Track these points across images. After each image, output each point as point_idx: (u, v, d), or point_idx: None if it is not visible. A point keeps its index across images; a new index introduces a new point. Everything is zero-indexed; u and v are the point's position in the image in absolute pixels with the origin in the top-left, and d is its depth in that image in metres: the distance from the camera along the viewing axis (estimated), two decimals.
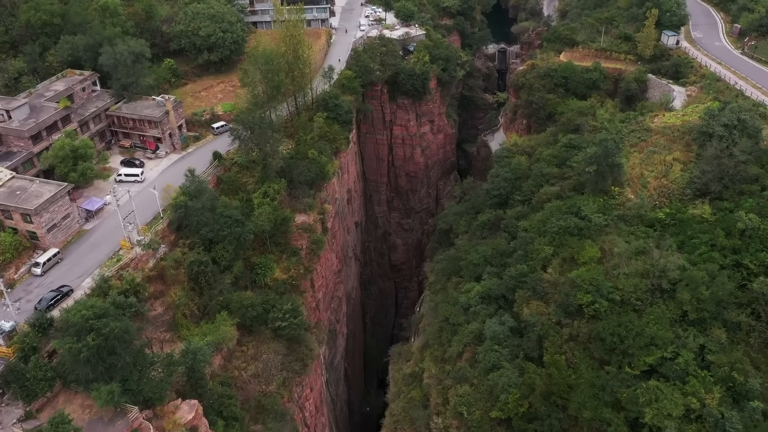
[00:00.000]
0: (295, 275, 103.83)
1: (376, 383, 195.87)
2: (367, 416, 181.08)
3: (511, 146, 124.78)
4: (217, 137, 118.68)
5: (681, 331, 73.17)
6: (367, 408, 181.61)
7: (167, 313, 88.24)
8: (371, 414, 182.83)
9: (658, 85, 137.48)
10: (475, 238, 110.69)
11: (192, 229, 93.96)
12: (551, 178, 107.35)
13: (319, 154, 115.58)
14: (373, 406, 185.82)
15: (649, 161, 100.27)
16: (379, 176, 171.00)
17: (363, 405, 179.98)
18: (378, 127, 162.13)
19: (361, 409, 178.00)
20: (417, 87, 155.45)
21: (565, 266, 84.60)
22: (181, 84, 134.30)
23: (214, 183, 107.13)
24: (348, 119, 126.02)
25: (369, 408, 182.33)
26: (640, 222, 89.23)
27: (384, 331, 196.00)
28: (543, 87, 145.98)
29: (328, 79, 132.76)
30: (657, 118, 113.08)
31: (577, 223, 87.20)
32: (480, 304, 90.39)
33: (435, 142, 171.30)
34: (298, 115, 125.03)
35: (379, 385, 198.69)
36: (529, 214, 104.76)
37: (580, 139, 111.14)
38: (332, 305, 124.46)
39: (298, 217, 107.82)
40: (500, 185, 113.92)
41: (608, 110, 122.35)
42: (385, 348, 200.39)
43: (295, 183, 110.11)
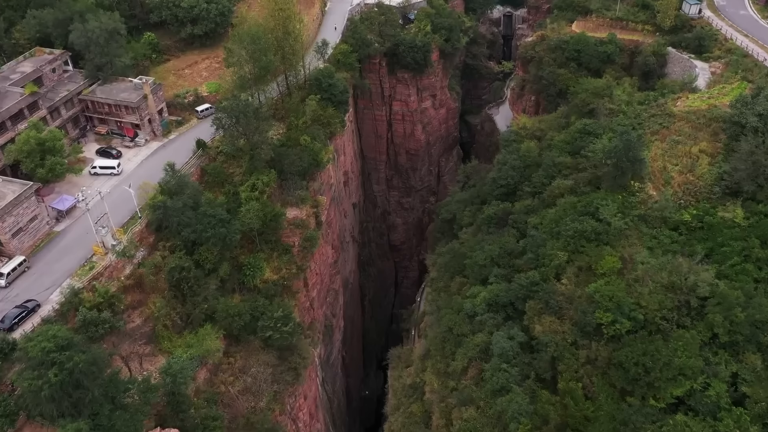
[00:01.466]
0: (287, 275, 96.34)
1: (375, 365, 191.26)
2: (366, 400, 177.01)
3: (519, 129, 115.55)
4: (201, 121, 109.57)
5: (711, 356, 66.09)
6: (366, 392, 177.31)
7: (146, 325, 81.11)
8: (370, 398, 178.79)
9: (678, 59, 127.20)
10: (481, 232, 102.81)
11: (172, 230, 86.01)
12: (564, 169, 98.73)
13: (312, 140, 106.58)
14: (372, 389, 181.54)
15: (672, 152, 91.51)
16: (377, 154, 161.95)
17: (362, 389, 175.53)
18: (376, 102, 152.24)
19: (360, 393, 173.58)
20: (418, 60, 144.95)
21: (582, 276, 76.97)
22: (162, 60, 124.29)
23: (197, 175, 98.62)
24: (344, 99, 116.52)
25: (368, 392, 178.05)
26: (664, 224, 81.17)
27: (383, 312, 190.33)
28: (553, 61, 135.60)
29: (322, 54, 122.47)
30: (680, 100, 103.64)
31: (594, 227, 79.13)
32: (486, 313, 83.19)
33: (437, 118, 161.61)
34: (289, 95, 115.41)
35: (378, 366, 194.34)
36: (539, 209, 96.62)
37: (595, 125, 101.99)
38: (328, 299, 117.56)
39: (290, 212, 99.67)
40: (508, 174, 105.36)
41: (626, 90, 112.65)
42: (384, 328, 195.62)
43: (286, 174, 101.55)
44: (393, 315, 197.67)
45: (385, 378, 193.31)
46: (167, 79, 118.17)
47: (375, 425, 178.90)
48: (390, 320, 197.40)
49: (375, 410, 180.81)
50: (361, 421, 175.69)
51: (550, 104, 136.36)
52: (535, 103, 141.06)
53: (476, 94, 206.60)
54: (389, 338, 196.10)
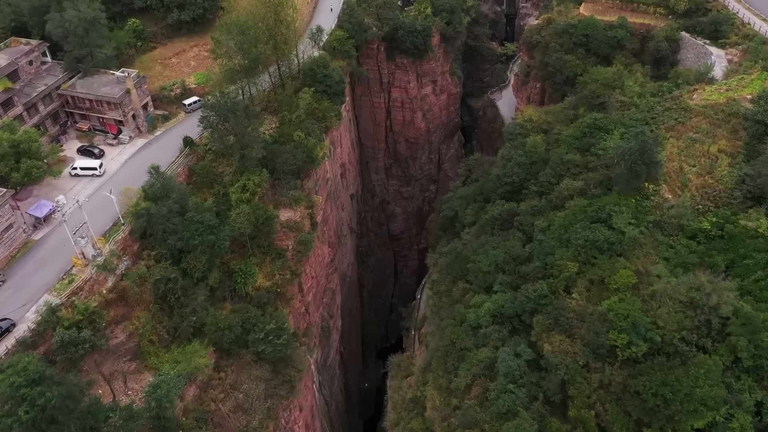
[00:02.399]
0: (281, 281, 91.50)
1: (375, 354, 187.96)
2: (365, 392, 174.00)
3: (524, 122, 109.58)
4: (189, 115, 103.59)
5: (734, 381, 61.60)
6: (365, 384, 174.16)
7: (131, 341, 76.52)
8: (369, 389, 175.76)
9: (692, 45, 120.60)
10: (484, 233, 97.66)
11: (158, 238, 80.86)
12: (573, 167, 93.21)
13: (306, 136, 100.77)
14: (371, 380, 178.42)
15: (689, 152, 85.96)
16: (376, 142, 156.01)
17: (361, 382, 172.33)
18: (374, 89, 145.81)
19: (360, 386, 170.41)
20: (418, 45, 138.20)
21: (593, 291, 72.06)
22: (148, 48, 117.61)
23: (184, 176, 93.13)
24: (340, 91, 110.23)
25: (367, 384, 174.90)
26: (681, 232, 76.05)
27: (383, 302, 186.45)
28: (560, 46, 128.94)
29: (317, 41, 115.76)
30: (696, 93, 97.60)
31: (607, 237, 73.95)
32: (491, 325, 78.55)
33: (437, 104, 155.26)
34: (282, 87, 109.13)
35: (377, 355, 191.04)
36: (546, 210, 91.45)
37: (606, 120, 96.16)
38: (325, 300, 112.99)
39: (283, 213, 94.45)
40: (513, 171, 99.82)
41: (637, 80, 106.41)
42: (384, 318, 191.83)
43: (278, 173, 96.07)
44: (392, 305, 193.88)
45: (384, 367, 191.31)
46: (153, 70, 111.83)
47: (374, 416, 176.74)
48: (390, 310, 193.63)
49: (374, 401, 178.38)
50: (361, 413, 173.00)
51: (556, 92, 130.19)
52: (541, 90, 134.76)
53: (478, 77, 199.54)
54: (389, 328, 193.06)
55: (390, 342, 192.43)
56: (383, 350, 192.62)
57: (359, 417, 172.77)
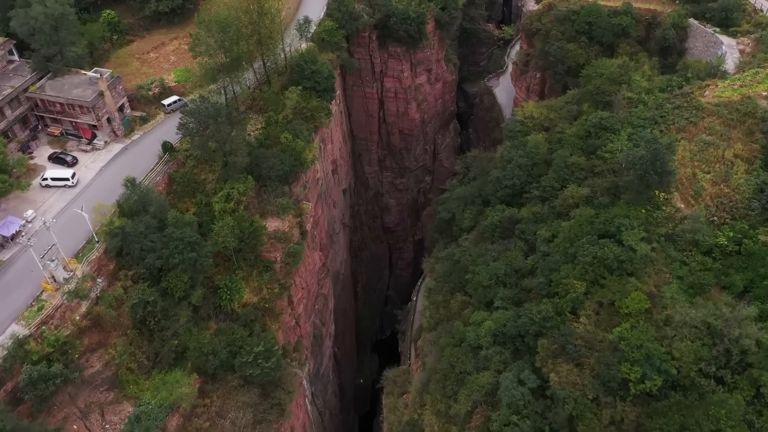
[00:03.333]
0: (269, 296, 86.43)
1: (370, 348, 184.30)
2: (360, 388, 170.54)
3: (525, 119, 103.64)
4: (169, 116, 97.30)
5: (755, 418, 57.24)
6: (361, 380, 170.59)
7: (108, 369, 71.56)
8: (364, 385, 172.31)
9: (701, 33, 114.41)
10: (484, 240, 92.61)
11: (135, 257, 75.37)
12: (577, 171, 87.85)
13: (294, 138, 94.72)
14: (366, 375, 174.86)
15: (702, 156, 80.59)
16: (368, 134, 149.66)
17: (356, 378, 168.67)
18: (366, 79, 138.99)
19: (355, 382, 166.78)
20: (411, 33, 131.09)
21: (603, 314, 67.25)
22: (125, 42, 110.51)
23: (164, 184, 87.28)
24: (329, 86, 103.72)
25: (362, 380, 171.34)
26: (695, 248, 71.02)
27: (378, 295, 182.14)
28: (561, 34, 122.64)
29: (304, 33, 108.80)
30: (708, 89, 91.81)
31: (617, 255, 68.83)
32: (492, 347, 73.84)
33: (432, 94, 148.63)
34: (268, 83, 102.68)
35: (372, 349, 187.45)
36: (549, 218, 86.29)
37: (612, 119, 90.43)
38: (317, 307, 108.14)
39: (270, 224, 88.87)
40: (513, 173, 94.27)
41: (645, 74, 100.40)
42: (379, 310, 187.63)
43: (264, 179, 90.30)
44: (387, 297, 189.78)
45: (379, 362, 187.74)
46: (130, 66, 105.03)
47: (370, 411, 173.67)
48: (385, 302, 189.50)
49: (370, 396, 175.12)
50: (356, 409, 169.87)
51: (557, 83, 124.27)
52: (541, 80, 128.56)
53: (474, 60, 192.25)
54: (384, 320, 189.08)
55: (385, 334, 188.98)
56: (378, 343, 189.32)
57: (354, 413, 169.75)
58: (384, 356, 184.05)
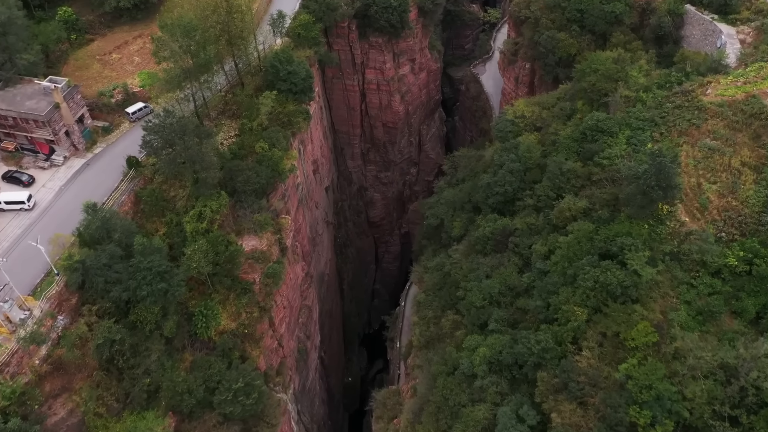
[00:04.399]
0: (248, 321, 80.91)
1: (357, 343, 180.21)
2: (349, 386, 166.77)
3: (515, 118, 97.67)
4: (135, 125, 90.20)
5: None
6: (349, 378, 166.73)
7: (73, 416, 66.04)
8: (353, 384, 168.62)
9: (698, 21, 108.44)
10: (475, 252, 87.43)
11: (98, 290, 69.27)
12: (574, 178, 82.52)
13: (270, 147, 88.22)
14: (355, 373, 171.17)
15: (707, 164, 75.56)
16: (350, 127, 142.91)
17: (344, 376, 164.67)
18: (347, 71, 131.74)
19: (343, 380, 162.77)
20: (393, 22, 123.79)
21: (607, 347, 62.70)
22: (84, 42, 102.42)
23: (130, 204, 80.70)
24: (307, 87, 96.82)
25: (351, 378, 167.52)
26: (703, 268, 66.38)
27: (364, 290, 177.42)
28: (552, 23, 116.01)
29: (278, 29, 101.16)
30: (710, 86, 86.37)
31: (620, 280, 63.95)
32: (488, 376, 69.23)
33: (416, 84, 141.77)
34: (241, 86, 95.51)
35: (360, 343, 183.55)
36: (545, 230, 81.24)
37: (610, 121, 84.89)
38: (300, 320, 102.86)
39: (247, 242, 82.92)
40: (505, 179, 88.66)
41: (642, 68, 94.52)
42: (366, 304, 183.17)
43: (240, 194, 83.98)
44: (374, 291, 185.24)
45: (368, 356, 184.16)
46: (90, 69, 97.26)
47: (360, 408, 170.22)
48: (372, 296, 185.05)
49: (359, 394, 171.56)
50: (345, 407, 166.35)
51: (548, 74, 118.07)
52: (530, 71, 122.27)
53: (458, 44, 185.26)
54: (371, 314, 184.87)
55: (373, 328, 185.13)
56: (366, 337, 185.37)
57: (344, 411, 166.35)
58: (372, 350, 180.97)
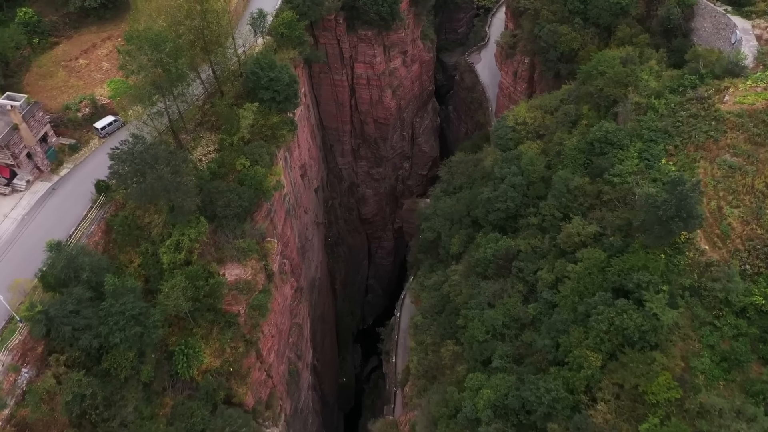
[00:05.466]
0: (233, 357, 75.28)
1: (351, 341, 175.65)
2: (344, 386, 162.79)
3: (516, 125, 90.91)
4: (105, 140, 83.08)
5: None
6: (344, 379, 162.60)
7: None
8: (347, 383, 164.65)
9: (709, 13, 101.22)
10: (475, 274, 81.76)
11: (66, 339, 63.16)
12: (581, 197, 76.44)
13: (253, 164, 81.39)
14: (349, 373, 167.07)
15: (727, 184, 69.62)
16: (340, 124, 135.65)
17: (339, 377, 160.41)
18: (335, 65, 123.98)
19: (337, 382, 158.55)
20: (383, 14, 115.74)
21: (624, 400, 57.57)
22: (48, 46, 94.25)
23: (101, 233, 74.02)
24: (292, 94, 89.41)
25: (345, 378, 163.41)
26: (726, 306, 61.00)
27: (357, 287, 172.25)
28: (553, 15, 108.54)
29: (259, 28, 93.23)
30: (727, 93, 79.91)
31: (638, 324, 58.44)
32: (494, 422, 64.17)
33: (409, 77, 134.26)
34: (220, 94, 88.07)
35: (355, 340, 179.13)
36: (551, 254, 75.58)
37: (620, 133, 78.54)
38: (291, 340, 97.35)
39: (230, 272, 76.65)
40: (507, 195, 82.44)
41: (653, 70, 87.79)
42: (359, 301, 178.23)
43: (220, 219, 77.43)
44: (368, 286, 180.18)
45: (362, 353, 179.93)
46: (55, 78, 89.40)
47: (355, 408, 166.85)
48: (365, 291, 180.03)
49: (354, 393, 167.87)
50: (340, 407, 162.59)
51: (549, 70, 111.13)
52: (530, 66, 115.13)
53: (451, 28, 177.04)
54: (365, 310, 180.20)
55: (367, 323, 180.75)
56: (360, 332, 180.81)
57: (339, 410, 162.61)
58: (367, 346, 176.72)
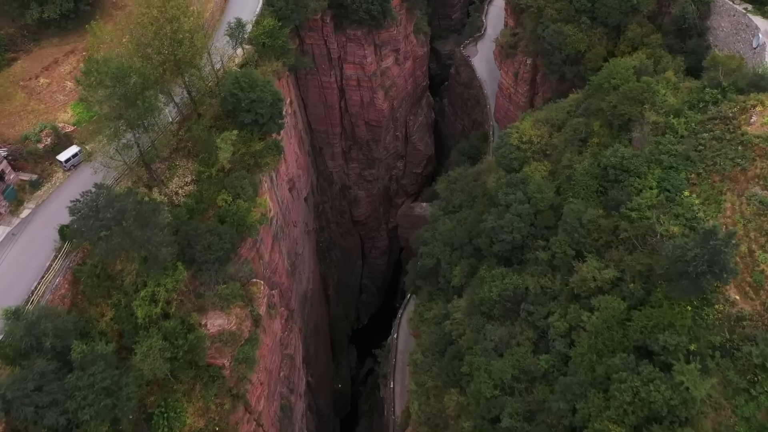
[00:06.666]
0: (219, 415, 69.08)
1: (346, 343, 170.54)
2: (339, 392, 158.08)
3: (521, 144, 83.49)
4: (71, 174, 75.32)
5: None
6: (339, 385, 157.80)
7: None
8: (343, 389, 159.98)
9: (727, 11, 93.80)
10: (479, 313, 75.51)
11: (29, 418, 56.64)
12: (596, 232, 69.80)
13: (235, 198, 74.03)
14: (345, 379, 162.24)
15: (759, 223, 63.14)
16: (329, 126, 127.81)
17: (335, 383, 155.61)
18: (322, 66, 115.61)
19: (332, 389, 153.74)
20: (374, 13, 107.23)
21: None
22: (5, 62, 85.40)
23: (67, 286, 66.80)
24: (276, 113, 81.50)
25: (341, 384, 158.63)
26: (763, 373, 55.08)
27: (351, 289, 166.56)
28: (558, 13, 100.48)
29: (238, 39, 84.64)
30: (754, 113, 72.74)
31: (666, 399, 52.50)
32: None
33: (402, 76, 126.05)
34: (197, 116, 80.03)
35: (350, 341, 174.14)
36: (562, 294, 69.43)
37: (636, 160, 71.49)
38: (282, 374, 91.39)
39: (212, 321, 69.98)
40: (513, 225, 75.68)
41: (670, 83, 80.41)
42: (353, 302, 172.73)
43: (199, 263, 70.39)
44: (362, 286, 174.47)
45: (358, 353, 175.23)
46: (12, 101, 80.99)
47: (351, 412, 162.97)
48: (360, 291, 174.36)
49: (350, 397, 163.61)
50: (336, 412, 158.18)
51: (553, 73, 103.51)
52: (532, 67, 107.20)
53: (445, 14, 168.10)
54: (359, 310, 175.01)
55: (362, 323, 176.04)
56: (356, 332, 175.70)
57: (335, 416, 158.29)
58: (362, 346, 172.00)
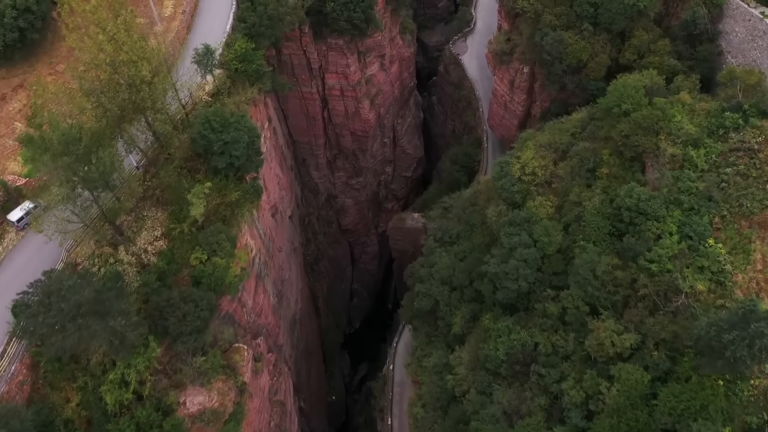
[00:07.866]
0: None
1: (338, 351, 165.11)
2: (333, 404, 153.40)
3: (522, 175, 76.05)
4: (25, 233, 67.21)
5: None
6: (333, 397, 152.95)
7: None
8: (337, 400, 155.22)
9: (742, 15, 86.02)
10: (484, 369, 69.46)
11: None
12: (612, 286, 63.39)
13: (210, 256, 66.54)
14: (339, 390, 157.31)
15: None
16: (312, 138, 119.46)
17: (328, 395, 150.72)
18: (302, 77, 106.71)
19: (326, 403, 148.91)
20: (356, 21, 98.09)
21: None
22: None
23: (26, 371, 59.59)
24: (253, 153, 73.41)
25: (335, 396, 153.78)
26: None
27: (341, 297, 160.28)
28: (557, 19, 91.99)
29: (207, 66, 75.69)
30: None
31: None
32: None
33: (388, 81, 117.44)
34: (165, 157, 71.80)
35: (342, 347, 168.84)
36: (576, 354, 63.45)
37: (654, 202, 64.60)
38: (272, 423, 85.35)
39: (191, 398, 63.27)
40: (519, 273, 69.03)
41: (686, 105, 73.14)
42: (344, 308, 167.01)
43: (173, 335, 63.23)
44: (353, 291, 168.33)
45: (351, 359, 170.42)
46: None
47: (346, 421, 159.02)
48: (350, 296, 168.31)
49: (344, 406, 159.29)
50: (331, 422, 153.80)
51: (553, 84, 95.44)
52: (530, 76, 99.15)
53: (430, 2, 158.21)
54: (351, 314, 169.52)
55: (354, 327, 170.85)
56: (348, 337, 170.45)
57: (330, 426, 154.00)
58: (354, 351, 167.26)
